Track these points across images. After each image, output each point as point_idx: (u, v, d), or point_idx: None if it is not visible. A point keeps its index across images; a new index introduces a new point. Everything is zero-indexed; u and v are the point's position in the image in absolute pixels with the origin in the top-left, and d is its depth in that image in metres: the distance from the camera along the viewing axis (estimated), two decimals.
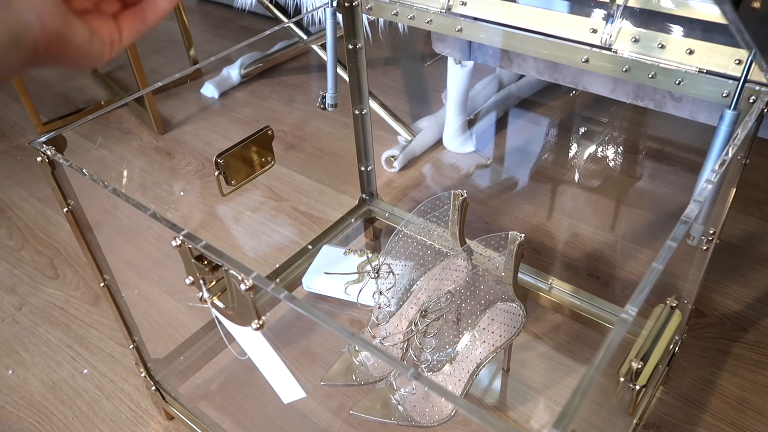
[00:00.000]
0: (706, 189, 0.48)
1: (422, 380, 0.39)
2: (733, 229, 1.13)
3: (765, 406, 0.85)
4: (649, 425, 0.83)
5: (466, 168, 1.34)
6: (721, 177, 0.65)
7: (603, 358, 0.37)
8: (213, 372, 0.94)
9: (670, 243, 0.44)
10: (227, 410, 0.89)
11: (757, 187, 1.23)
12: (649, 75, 0.65)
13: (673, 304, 0.56)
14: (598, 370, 0.36)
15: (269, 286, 0.45)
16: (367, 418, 0.79)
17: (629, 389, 0.53)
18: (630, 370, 0.52)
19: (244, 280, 0.45)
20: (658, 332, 0.55)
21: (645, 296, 0.40)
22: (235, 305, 0.48)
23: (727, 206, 0.66)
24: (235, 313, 0.49)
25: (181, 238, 0.48)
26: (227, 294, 0.48)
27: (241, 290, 0.46)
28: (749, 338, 0.94)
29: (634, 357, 0.52)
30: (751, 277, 1.04)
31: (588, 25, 0.68)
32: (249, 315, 0.48)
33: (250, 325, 0.48)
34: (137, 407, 0.91)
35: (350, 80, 0.95)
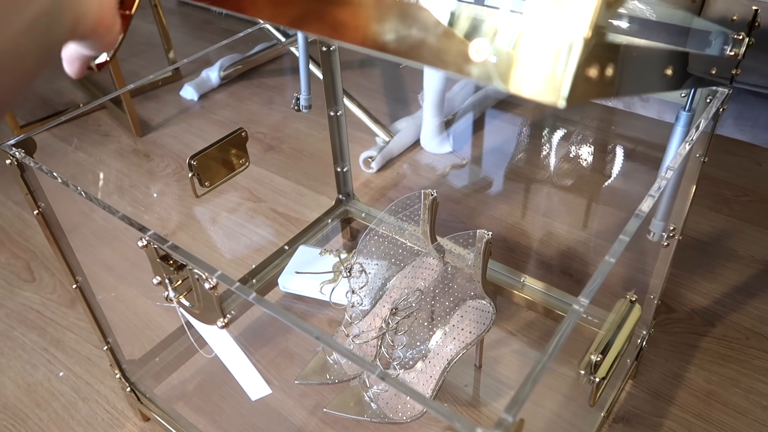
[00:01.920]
0: (660, 185, 0.50)
1: (389, 380, 0.40)
2: (703, 227, 1.16)
3: (731, 398, 0.87)
4: (618, 419, 0.85)
5: (443, 168, 1.35)
6: (676, 174, 0.67)
7: (555, 347, 0.38)
8: (189, 373, 0.95)
9: (622, 237, 0.45)
10: (203, 410, 0.89)
11: (728, 186, 1.26)
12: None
13: (633, 298, 0.57)
14: (550, 357, 0.38)
15: (233, 285, 0.46)
16: (341, 415, 0.80)
17: (590, 381, 0.54)
18: (590, 362, 0.53)
19: (208, 279, 0.46)
20: (618, 326, 0.56)
21: (596, 288, 0.42)
22: (200, 304, 0.49)
23: (687, 203, 0.68)
24: (201, 312, 0.49)
25: (147, 238, 0.49)
26: (193, 293, 0.49)
27: (205, 289, 0.47)
28: (717, 332, 0.97)
29: (594, 350, 0.54)
30: (720, 273, 1.07)
31: None
32: (214, 313, 0.48)
33: (215, 324, 0.49)
34: (113, 409, 0.91)
35: (325, 82, 0.96)
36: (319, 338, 0.42)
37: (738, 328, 0.97)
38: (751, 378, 0.89)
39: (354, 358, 0.40)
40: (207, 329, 0.52)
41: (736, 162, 1.31)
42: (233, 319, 0.99)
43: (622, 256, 0.44)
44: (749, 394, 0.87)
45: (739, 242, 1.12)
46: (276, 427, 0.86)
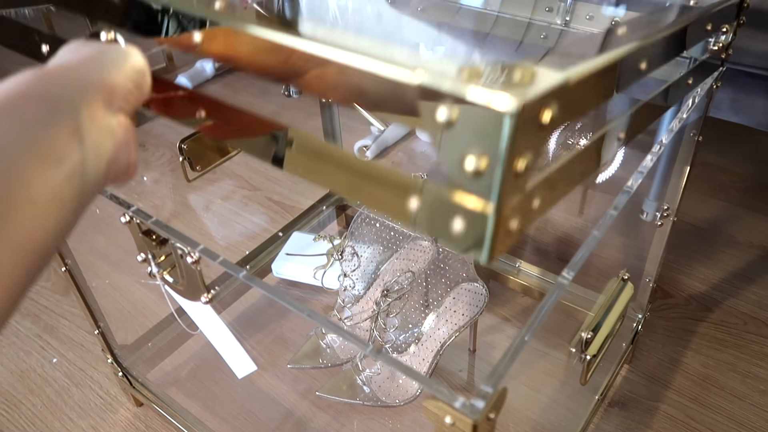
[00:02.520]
0: (649, 161, 0.49)
1: (382, 357, 0.39)
2: (700, 213, 1.15)
3: (727, 382, 0.86)
4: (613, 403, 0.84)
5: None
6: (669, 152, 0.66)
7: (537, 319, 0.37)
8: (183, 358, 0.94)
9: (611, 212, 0.45)
10: (196, 396, 0.89)
11: (725, 171, 1.25)
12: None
13: (625, 276, 0.57)
14: (531, 330, 0.37)
15: (217, 259, 0.45)
16: (334, 399, 0.79)
17: (581, 359, 0.53)
18: (580, 340, 0.52)
19: (191, 253, 0.45)
20: (610, 304, 0.56)
21: (582, 261, 0.41)
22: (184, 280, 0.48)
23: (682, 182, 0.67)
24: (185, 288, 0.49)
25: (130, 214, 0.48)
26: (177, 269, 0.49)
27: (188, 264, 0.46)
28: (714, 318, 0.96)
29: (585, 328, 0.53)
30: (718, 258, 1.06)
31: (544, 4, 0.68)
32: (198, 289, 0.48)
33: (199, 299, 0.48)
34: (106, 394, 0.91)
35: None
36: (311, 316, 0.41)
37: (735, 313, 0.96)
38: (748, 363, 0.89)
39: (345, 335, 0.40)
40: (192, 306, 0.51)
41: (735, 148, 1.30)
42: (226, 303, 0.99)
43: (616, 238, 0.43)
44: (746, 378, 0.87)
45: (737, 228, 1.12)
46: (269, 411, 0.85)
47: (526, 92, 0.24)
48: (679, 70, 0.56)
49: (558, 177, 0.32)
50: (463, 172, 0.25)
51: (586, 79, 0.29)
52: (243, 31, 0.33)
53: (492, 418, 0.36)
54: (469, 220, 0.26)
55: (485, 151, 0.24)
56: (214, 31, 0.35)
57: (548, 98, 0.25)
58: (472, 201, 0.26)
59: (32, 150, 0.26)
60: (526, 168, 0.26)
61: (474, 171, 0.25)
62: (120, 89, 0.32)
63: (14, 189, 0.25)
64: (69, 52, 0.33)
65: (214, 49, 0.35)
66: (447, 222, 0.27)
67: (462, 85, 0.24)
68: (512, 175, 0.25)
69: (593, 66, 0.30)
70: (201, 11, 0.35)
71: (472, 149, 0.25)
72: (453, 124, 0.25)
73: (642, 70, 0.40)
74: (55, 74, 0.29)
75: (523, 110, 0.23)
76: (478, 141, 0.24)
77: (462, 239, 0.27)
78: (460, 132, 0.25)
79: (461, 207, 0.26)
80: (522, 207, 0.27)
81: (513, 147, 0.24)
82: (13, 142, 0.25)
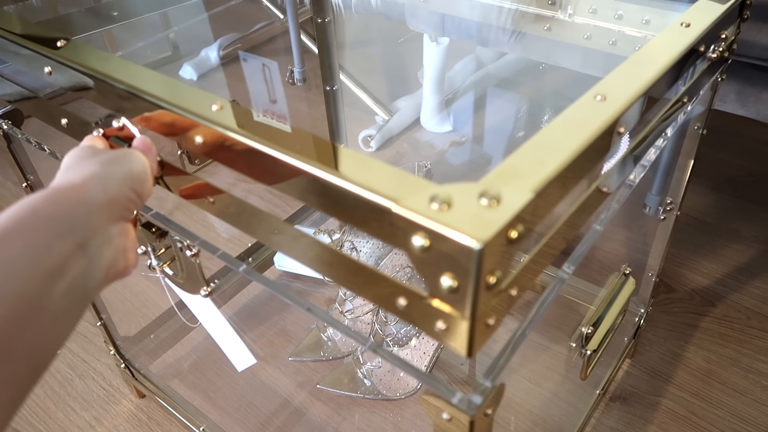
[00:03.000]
0: (652, 154, 0.48)
1: (382, 352, 0.39)
2: (705, 207, 1.14)
3: (730, 377, 0.86)
4: (615, 397, 0.84)
5: (443, 147, 1.34)
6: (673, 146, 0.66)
7: (537, 313, 0.37)
8: (185, 350, 0.94)
9: (613, 205, 0.44)
10: (199, 388, 0.89)
11: (731, 165, 1.24)
12: (609, 42, 0.65)
13: (626, 271, 0.56)
14: (531, 324, 0.37)
15: (216, 253, 0.45)
16: (335, 392, 0.79)
17: (581, 354, 0.53)
18: (581, 335, 0.52)
19: (190, 246, 0.45)
20: (611, 299, 0.55)
21: (582, 255, 0.41)
22: (183, 273, 0.48)
23: (686, 176, 0.67)
24: (185, 281, 0.49)
25: None
26: (176, 262, 0.48)
27: (187, 257, 0.46)
28: (717, 312, 0.95)
29: (586, 322, 0.53)
30: (722, 253, 1.05)
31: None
32: (197, 281, 0.48)
33: (199, 292, 0.48)
34: (109, 386, 0.92)
35: (320, 56, 0.95)
36: (311, 310, 0.41)
37: (739, 308, 0.96)
38: (751, 358, 0.88)
39: (345, 330, 0.39)
40: (191, 299, 0.51)
41: (741, 142, 1.29)
42: (228, 295, 0.99)
43: (619, 232, 0.43)
44: (749, 373, 0.86)
45: (742, 222, 1.11)
46: (270, 403, 0.86)
47: (493, 223, 0.26)
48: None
49: (535, 261, 0.35)
50: (440, 288, 0.28)
51: (563, 174, 0.31)
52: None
53: (489, 414, 0.35)
54: (449, 324, 0.29)
55: (458, 274, 0.27)
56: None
57: (516, 220, 0.27)
58: (450, 310, 0.29)
59: (41, 265, 0.29)
60: (498, 280, 0.28)
61: (449, 288, 0.27)
62: (121, 202, 0.35)
63: (25, 303, 0.27)
64: (75, 164, 0.36)
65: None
66: (431, 322, 0.30)
67: (433, 220, 0.26)
68: (484, 289, 0.27)
69: (571, 153, 0.32)
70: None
71: (446, 270, 0.27)
72: (427, 249, 0.27)
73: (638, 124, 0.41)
74: (61, 195, 0.32)
75: (490, 242, 0.26)
76: (450, 265, 0.27)
77: (445, 336, 0.30)
78: (434, 255, 0.27)
79: (442, 312, 0.29)
80: (498, 306, 0.30)
81: (483, 270, 0.26)
82: (24, 259, 0.28)
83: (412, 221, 0.27)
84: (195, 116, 0.36)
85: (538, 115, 1.41)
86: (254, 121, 0.35)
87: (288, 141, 0.33)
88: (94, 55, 0.43)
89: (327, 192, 0.31)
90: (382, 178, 0.30)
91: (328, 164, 0.31)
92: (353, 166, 0.31)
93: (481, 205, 0.27)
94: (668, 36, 0.44)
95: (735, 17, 0.54)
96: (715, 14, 0.48)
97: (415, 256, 0.28)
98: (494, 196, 0.28)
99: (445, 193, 0.28)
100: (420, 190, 0.28)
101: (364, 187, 0.29)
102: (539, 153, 0.32)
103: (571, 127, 0.34)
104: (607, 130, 0.35)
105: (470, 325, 0.28)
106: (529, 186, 0.29)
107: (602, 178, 0.40)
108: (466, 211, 0.27)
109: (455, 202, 0.27)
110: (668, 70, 0.41)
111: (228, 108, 0.37)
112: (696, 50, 0.46)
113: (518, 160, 0.31)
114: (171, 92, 0.39)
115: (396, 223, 0.28)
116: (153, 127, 0.40)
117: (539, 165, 0.31)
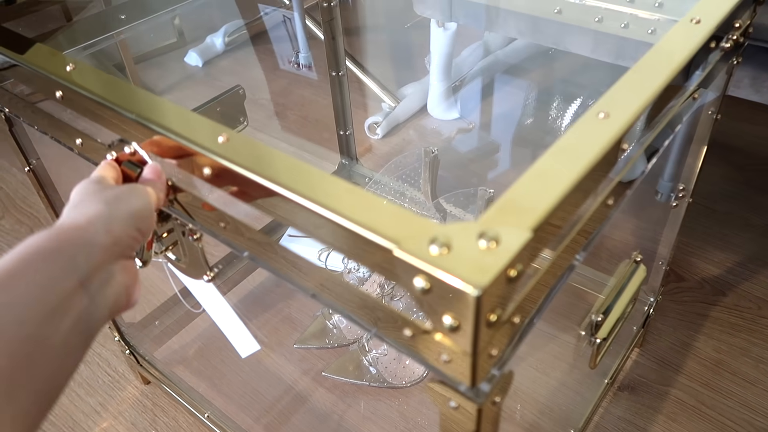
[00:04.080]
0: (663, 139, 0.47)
1: (388, 339, 0.38)
2: (716, 195, 1.12)
3: (740, 367, 0.85)
4: (623, 387, 0.83)
5: (450, 134, 1.32)
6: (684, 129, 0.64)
7: (545, 303, 0.36)
8: (190, 337, 0.94)
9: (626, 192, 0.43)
10: (204, 374, 0.89)
11: (744, 154, 1.22)
12: (621, 25, 0.63)
13: (637, 258, 0.55)
14: (539, 313, 0.36)
15: (220, 237, 0.44)
16: (340, 379, 0.79)
17: (590, 342, 0.52)
18: (590, 323, 0.51)
19: (192, 230, 0.44)
20: (621, 287, 0.54)
21: (592, 243, 0.39)
22: (186, 258, 0.48)
23: (699, 162, 0.65)
24: (187, 266, 0.48)
25: None
26: (179, 246, 0.48)
27: (190, 241, 0.45)
28: (728, 302, 0.94)
29: (596, 310, 0.52)
30: (733, 242, 1.04)
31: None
32: (200, 267, 0.47)
33: (202, 278, 0.47)
34: (114, 372, 0.91)
35: (326, 40, 0.93)
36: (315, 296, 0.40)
37: (750, 297, 0.94)
38: (761, 348, 0.87)
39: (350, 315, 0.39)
40: (195, 284, 0.50)
41: (754, 130, 1.27)
42: (233, 282, 0.99)
43: (629, 219, 0.42)
44: (759, 363, 0.85)
45: (754, 211, 1.09)
46: (275, 390, 0.85)
47: (491, 268, 0.26)
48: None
49: (538, 286, 0.35)
50: (443, 326, 0.28)
51: (565, 203, 0.31)
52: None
53: (497, 402, 0.35)
54: (452, 357, 0.30)
55: (458, 315, 0.27)
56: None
57: (515, 260, 0.27)
58: (452, 344, 0.29)
59: (45, 305, 0.30)
60: (499, 316, 0.28)
61: (450, 326, 0.28)
62: (124, 240, 0.36)
63: (31, 341, 0.28)
64: (81, 202, 0.37)
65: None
66: (435, 354, 0.31)
67: (432, 265, 0.27)
68: (485, 326, 0.28)
69: (572, 181, 0.32)
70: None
71: (447, 310, 0.28)
72: (428, 291, 0.28)
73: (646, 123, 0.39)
74: (65, 235, 0.33)
75: (489, 286, 0.26)
76: (450, 306, 0.27)
77: (449, 368, 0.31)
78: (435, 297, 0.28)
79: (445, 347, 0.30)
80: (500, 337, 0.31)
81: (482, 312, 0.27)
82: (29, 299, 0.29)
83: (412, 265, 0.28)
84: (200, 147, 0.37)
85: (547, 102, 1.39)
86: (258, 153, 0.36)
87: (292, 175, 0.34)
88: (102, 80, 0.44)
89: (330, 228, 0.32)
90: (385, 217, 0.30)
91: (333, 200, 0.32)
92: (356, 204, 0.31)
93: (479, 248, 0.28)
94: (676, 36, 0.43)
95: (750, 1, 0.52)
96: (728, 5, 0.46)
97: (417, 296, 0.28)
98: (493, 238, 0.28)
99: (444, 235, 0.28)
100: (421, 231, 0.29)
101: (366, 228, 0.30)
102: (539, 185, 0.32)
103: (573, 152, 0.34)
104: (611, 150, 0.35)
105: (472, 360, 0.29)
106: (528, 224, 0.29)
107: (608, 193, 0.39)
108: (464, 254, 0.27)
109: (454, 244, 0.28)
110: (677, 75, 0.40)
111: (234, 139, 0.37)
112: (707, 46, 0.45)
113: (518, 193, 0.31)
114: (179, 121, 0.39)
115: (397, 264, 0.28)
116: (161, 155, 0.41)
117: (539, 199, 0.30)
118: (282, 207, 0.34)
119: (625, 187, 0.42)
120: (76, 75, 0.44)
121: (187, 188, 0.42)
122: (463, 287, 0.26)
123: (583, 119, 0.36)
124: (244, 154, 0.36)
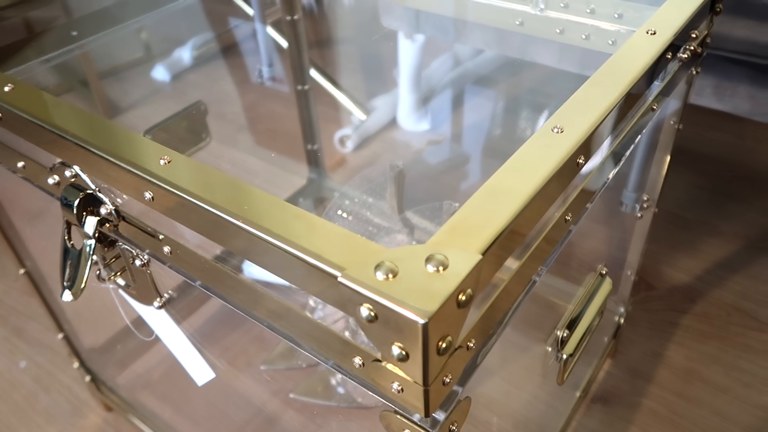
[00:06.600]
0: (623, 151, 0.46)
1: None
2: (684, 203, 1.13)
3: (711, 375, 0.85)
4: (596, 399, 0.83)
5: (420, 146, 1.32)
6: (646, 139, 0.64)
7: (509, 315, 0.35)
8: (155, 360, 0.91)
9: (586, 204, 0.42)
10: (169, 399, 0.86)
11: (710, 161, 1.23)
12: (583, 36, 0.63)
13: (603, 271, 0.54)
14: (503, 327, 0.35)
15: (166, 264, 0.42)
16: (308, 401, 0.77)
17: (557, 358, 0.51)
18: (556, 338, 0.50)
19: (139, 256, 0.42)
20: (586, 301, 0.53)
21: (554, 257, 0.39)
22: (135, 284, 0.46)
23: (662, 173, 0.65)
24: (137, 292, 0.46)
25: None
26: (127, 273, 0.46)
27: (137, 267, 0.43)
28: (697, 310, 0.94)
29: (561, 326, 0.51)
30: (702, 249, 1.04)
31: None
32: (150, 293, 0.45)
33: (152, 304, 0.45)
34: (76, 399, 0.88)
35: (290, 55, 0.92)
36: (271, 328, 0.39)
37: (719, 304, 0.95)
38: (732, 355, 0.87)
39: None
40: (147, 311, 0.48)
41: (719, 137, 1.29)
42: (202, 299, 0.96)
43: (597, 229, 0.41)
44: (730, 371, 0.85)
45: (722, 218, 1.10)
46: (244, 413, 0.83)
47: (439, 294, 0.25)
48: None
49: (493, 308, 0.34)
50: (392, 355, 0.27)
51: (518, 222, 0.30)
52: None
53: (455, 429, 0.33)
54: (405, 386, 0.29)
55: (406, 344, 0.27)
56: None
57: (464, 284, 0.26)
58: (403, 374, 0.29)
59: None
60: (449, 343, 0.27)
61: (399, 356, 0.27)
62: None
63: None
64: None
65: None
66: (387, 383, 0.30)
67: (377, 293, 0.26)
68: (435, 354, 0.27)
69: (525, 199, 0.31)
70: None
71: (395, 340, 0.27)
72: (374, 319, 0.26)
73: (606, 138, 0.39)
74: None
75: (436, 314, 0.25)
76: (398, 335, 0.26)
77: (402, 398, 0.30)
78: (382, 325, 0.27)
79: (396, 376, 0.29)
80: (454, 363, 0.30)
81: (431, 340, 0.26)
82: None
83: (357, 292, 0.26)
84: (140, 170, 0.35)
85: (516, 113, 1.40)
86: (201, 176, 0.34)
87: (236, 198, 0.32)
88: (41, 100, 0.42)
89: (273, 254, 0.30)
90: (331, 242, 0.29)
91: (277, 225, 0.30)
92: (301, 229, 0.30)
93: (427, 272, 0.26)
94: (631, 48, 0.43)
95: (706, 12, 0.52)
96: (683, 17, 0.46)
97: (364, 325, 0.27)
98: (440, 262, 0.27)
99: (391, 260, 0.27)
100: (367, 257, 0.27)
101: (310, 254, 0.29)
102: (489, 204, 0.31)
103: (526, 169, 0.33)
104: (567, 165, 0.34)
105: (424, 389, 0.28)
106: (477, 246, 0.28)
107: (565, 208, 0.38)
108: (411, 280, 0.26)
109: (401, 269, 0.27)
110: (633, 86, 0.39)
111: (177, 161, 0.36)
112: (664, 57, 0.44)
113: (468, 213, 0.30)
114: (119, 143, 0.37)
115: (342, 291, 0.27)
116: (103, 178, 0.39)
117: (489, 219, 0.29)
118: (222, 231, 0.33)
119: (584, 201, 0.42)
120: (14, 96, 0.42)
121: (131, 213, 0.40)
122: (409, 315, 0.25)
123: (537, 135, 0.35)
124: (186, 177, 0.34)
